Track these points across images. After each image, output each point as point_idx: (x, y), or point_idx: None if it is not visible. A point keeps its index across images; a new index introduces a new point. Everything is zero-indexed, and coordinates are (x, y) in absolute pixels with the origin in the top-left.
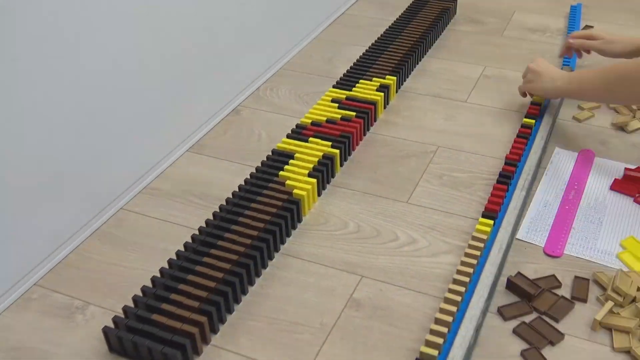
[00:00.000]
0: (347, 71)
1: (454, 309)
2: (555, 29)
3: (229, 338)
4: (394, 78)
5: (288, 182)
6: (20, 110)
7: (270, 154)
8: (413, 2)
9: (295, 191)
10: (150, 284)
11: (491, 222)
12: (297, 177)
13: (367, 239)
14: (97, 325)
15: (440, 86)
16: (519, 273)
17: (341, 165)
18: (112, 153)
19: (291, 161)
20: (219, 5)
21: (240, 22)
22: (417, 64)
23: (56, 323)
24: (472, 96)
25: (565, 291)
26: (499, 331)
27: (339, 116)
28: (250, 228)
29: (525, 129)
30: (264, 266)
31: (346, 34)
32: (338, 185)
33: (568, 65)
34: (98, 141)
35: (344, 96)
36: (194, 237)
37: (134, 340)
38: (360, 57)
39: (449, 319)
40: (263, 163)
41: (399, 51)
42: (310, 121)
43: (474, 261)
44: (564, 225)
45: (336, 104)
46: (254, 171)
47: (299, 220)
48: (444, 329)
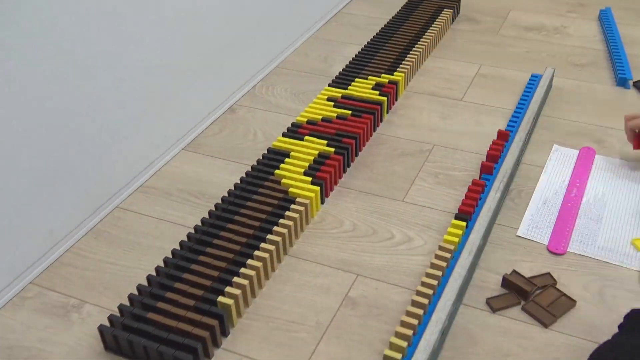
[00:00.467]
0: (343, 70)
1: (420, 311)
2: (551, 27)
3: (225, 337)
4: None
5: (284, 180)
6: (16, 109)
7: (266, 152)
8: (408, 0)
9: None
10: (146, 283)
11: (464, 224)
12: (293, 176)
13: (363, 237)
14: (92, 324)
15: (436, 85)
16: (514, 271)
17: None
18: (107, 152)
19: (287, 160)
20: (215, 4)
21: (236, 20)
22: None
23: (52, 322)
24: (468, 95)
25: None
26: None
27: (335, 114)
28: (246, 226)
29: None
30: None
31: (342, 33)
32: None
33: (624, 77)
34: (93, 140)
35: (340, 95)
36: (189, 235)
37: (129, 338)
38: (356, 55)
39: (415, 321)
40: (259, 161)
41: (394, 50)
42: (305, 120)
43: (444, 264)
44: (566, 223)
45: (332, 103)
46: (250, 170)
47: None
48: (409, 332)
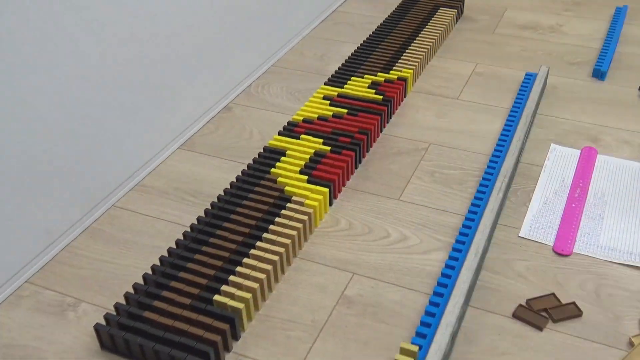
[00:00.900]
0: (339, 68)
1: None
2: (547, 26)
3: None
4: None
5: (280, 179)
6: (12, 108)
7: (262, 151)
8: None
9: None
10: (142, 281)
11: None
12: (289, 175)
13: (359, 236)
14: (88, 323)
15: (432, 83)
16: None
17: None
18: (103, 150)
19: (283, 158)
20: (211, 2)
21: (232, 19)
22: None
23: (48, 320)
24: (464, 93)
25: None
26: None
27: (331, 113)
28: (243, 225)
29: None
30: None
31: (338, 32)
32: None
33: (599, 69)
34: (89, 138)
35: (336, 93)
36: (185, 234)
37: (125, 337)
38: (352, 54)
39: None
40: (255, 160)
41: (391, 48)
42: (302, 118)
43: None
44: (571, 224)
45: (328, 101)
46: (246, 168)
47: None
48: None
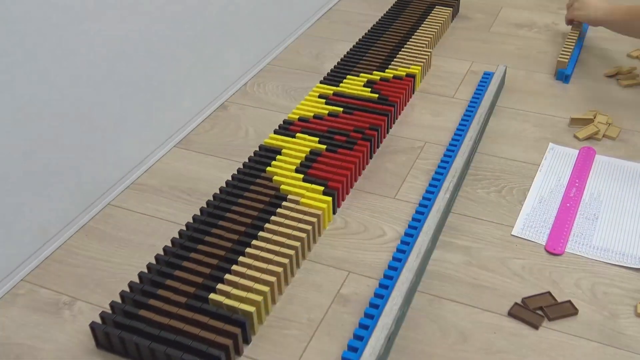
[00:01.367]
0: (335, 67)
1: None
2: (542, 24)
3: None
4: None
5: (275, 177)
6: (6, 105)
7: (258, 149)
8: None
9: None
10: (137, 280)
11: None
12: (284, 173)
13: (354, 234)
14: (84, 321)
15: (428, 82)
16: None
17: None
18: (99, 149)
19: (278, 157)
20: (206, 1)
21: (227, 17)
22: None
23: (43, 319)
24: (460, 92)
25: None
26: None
27: (327, 112)
28: (238, 224)
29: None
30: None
31: (333, 30)
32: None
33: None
34: (85, 136)
35: (332, 92)
36: (181, 232)
37: (121, 335)
38: (348, 52)
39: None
40: (250, 159)
41: (386, 47)
42: (297, 117)
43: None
44: (565, 223)
45: (324, 100)
46: (241, 167)
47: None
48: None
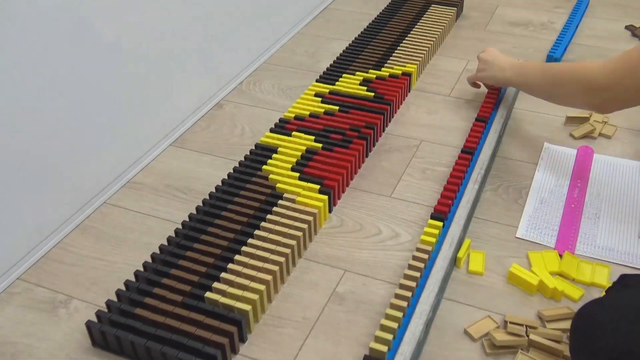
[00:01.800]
0: (331, 65)
1: (404, 304)
2: (538, 23)
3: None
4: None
5: (271, 176)
6: (3, 104)
7: (254, 148)
8: None
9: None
10: (133, 278)
11: (440, 223)
12: (280, 172)
13: (350, 233)
14: (80, 320)
15: (424, 80)
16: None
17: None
18: (95, 147)
19: (274, 155)
20: (202, 0)
21: (223, 16)
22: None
23: (39, 317)
24: (455, 90)
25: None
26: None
27: (322, 110)
28: (234, 222)
29: (479, 122)
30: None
31: (329, 29)
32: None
33: (553, 56)
34: (81, 135)
35: (328, 90)
36: (177, 231)
37: (117, 334)
38: (344, 51)
39: (399, 314)
40: (246, 157)
41: (382, 46)
42: (293, 115)
43: (426, 256)
44: (572, 225)
45: (319, 98)
46: (237, 165)
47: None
48: (394, 325)
